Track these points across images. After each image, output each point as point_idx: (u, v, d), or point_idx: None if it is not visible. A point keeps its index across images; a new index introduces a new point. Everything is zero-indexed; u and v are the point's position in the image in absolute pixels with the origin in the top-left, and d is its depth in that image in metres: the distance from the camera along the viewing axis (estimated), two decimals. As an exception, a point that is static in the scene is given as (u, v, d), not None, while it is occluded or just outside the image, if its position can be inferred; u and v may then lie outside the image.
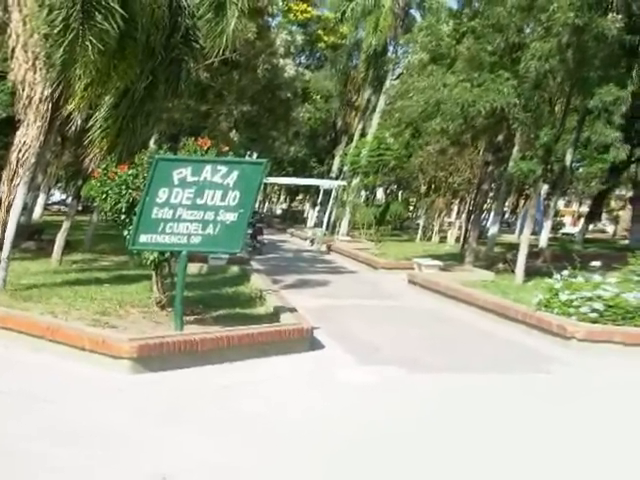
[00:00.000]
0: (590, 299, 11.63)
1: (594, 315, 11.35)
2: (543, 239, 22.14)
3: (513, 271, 17.80)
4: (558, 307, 11.94)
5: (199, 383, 8.24)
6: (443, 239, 34.10)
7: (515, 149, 22.19)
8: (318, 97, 50.48)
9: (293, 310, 11.64)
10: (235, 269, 18.41)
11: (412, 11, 40.90)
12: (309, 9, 45.65)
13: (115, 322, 9.87)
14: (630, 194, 42.09)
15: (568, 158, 19.81)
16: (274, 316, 11.39)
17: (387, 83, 39.33)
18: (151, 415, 7.03)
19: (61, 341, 8.85)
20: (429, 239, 34.47)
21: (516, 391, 8.69)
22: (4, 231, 13.05)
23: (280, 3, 28.66)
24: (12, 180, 13.01)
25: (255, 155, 31.13)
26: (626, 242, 37.47)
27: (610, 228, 60.74)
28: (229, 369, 8.88)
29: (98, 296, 11.89)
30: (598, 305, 11.45)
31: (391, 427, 6.99)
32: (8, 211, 13.06)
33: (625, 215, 51.52)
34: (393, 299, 16.40)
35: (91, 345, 8.57)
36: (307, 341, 10.29)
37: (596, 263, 13.34)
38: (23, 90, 12.68)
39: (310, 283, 17.92)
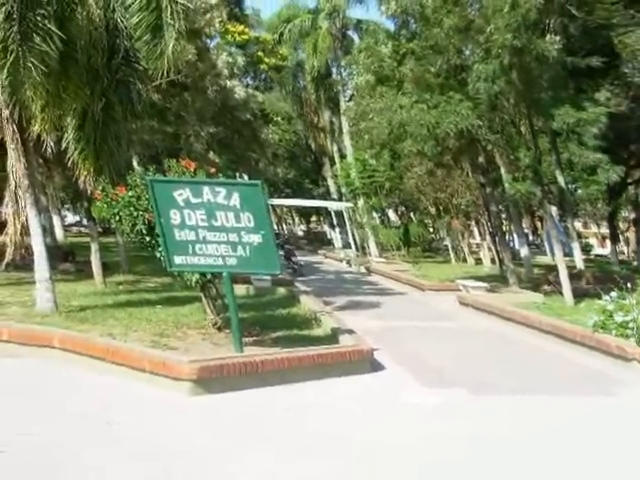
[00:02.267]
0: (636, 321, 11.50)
1: (642, 336, 11.25)
2: (578, 261, 21.87)
3: (560, 292, 17.54)
4: (615, 329, 11.75)
5: (260, 404, 8.19)
6: (478, 261, 33.78)
7: (502, 170, 21.93)
8: (279, 119, 50.39)
9: (351, 332, 11.59)
10: (282, 290, 18.42)
11: (350, 33, 41.31)
12: (246, 30, 45.76)
13: (175, 344, 9.81)
14: (633, 216, 41.57)
15: (560, 180, 19.61)
16: (332, 338, 11.31)
17: (342, 104, 39.70)
18: (213, 437, 6.95)
19: (122, 363, 8.86)
20: (464, 261, 34.15)
21: (585, 414, 8.48)
22: (29, 253, 13.13)
23: (217, 25, 28.67)
24: (17, 202, 13.06)
25: (246, 177, 31.24)
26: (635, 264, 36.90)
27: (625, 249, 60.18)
28: (290, 390, 8.81)
29: (153, 318, 11.88)
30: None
31: (460, 451, 6.82)
32: (26, 233, 13.18)
33: (632, 237, 51.04)
34: (449, 320, 16.30)
35: (151, 367, 8.58)
36: (368, 362, 10.18)
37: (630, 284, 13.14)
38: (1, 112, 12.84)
39: (362, 305, 17.85)
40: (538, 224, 55.95)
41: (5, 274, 15.47)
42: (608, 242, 43.78)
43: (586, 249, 43.01)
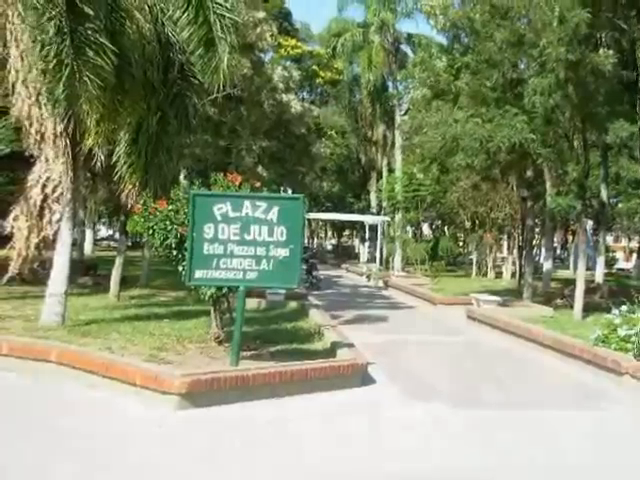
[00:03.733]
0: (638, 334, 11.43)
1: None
2: (599, 275, 21.79)
3: (572, 307, 17.55)
4: (616, 342, 11.74)
5: (244, 418, 8.25)
6: (499, 274, 33.76)
7: (548, 184, 21.90)
8: (333, 133, 50.64)
9: (350, 345, 11.62)
10: (293, 304, 18.47)
11: (403, 47, 41.49)
12: (299, 44, 45.99)
13: (171, 358, 9.88)
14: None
15: (603, 194, 19.46)
16: (331, 351, 11.33)
17: (397, 119, 39.89)
18: (186, 453, 6.98)
19: (115, 377, 8.93)
20: (485, 274, 34.16)
21: (565, 429, 8.48)
22: (44, 267, 13.28)
23: (269, 38, 28.95)
24: (41, 216, 13.12)
25: (290, 191, 31.42)
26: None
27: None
28: (275, 405, 8.85)
29: (156, 332, 11.94)
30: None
31: (444, 463, 6.91)
32: (45, 247, 13.33)
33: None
34: (452, 335, 16.30)
35: (142, 381, 8.62)
36: (360, 376, 10.25)
37: None
38: (31, 126, 12.80)
39: (370, 318, 17.93)
40: (569, 237, 55.54)
41: (7, 288, 15.57)
42: (634, 256, 43.48)
43: (610, 263, 42.62)
